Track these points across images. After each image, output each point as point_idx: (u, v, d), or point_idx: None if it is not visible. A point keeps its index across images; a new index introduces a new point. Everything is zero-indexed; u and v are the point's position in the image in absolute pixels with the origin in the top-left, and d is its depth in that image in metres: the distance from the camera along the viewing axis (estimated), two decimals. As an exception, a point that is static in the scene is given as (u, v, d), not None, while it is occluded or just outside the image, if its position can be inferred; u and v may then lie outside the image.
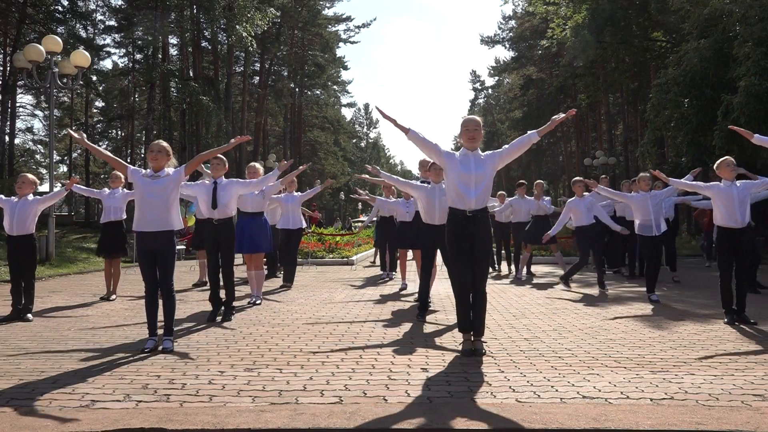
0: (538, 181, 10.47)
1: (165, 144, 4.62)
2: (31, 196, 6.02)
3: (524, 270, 10.24)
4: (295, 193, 8.77)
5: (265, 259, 7.98)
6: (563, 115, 4.26)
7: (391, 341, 4.70)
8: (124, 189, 7.59)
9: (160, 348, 4.35)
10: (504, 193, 11.29)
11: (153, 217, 4.42)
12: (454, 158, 4.27)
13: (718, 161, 5.73)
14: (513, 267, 10.70)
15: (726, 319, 5.53)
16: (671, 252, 9.66)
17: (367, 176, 6.68)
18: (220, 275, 5.95)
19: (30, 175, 6.10)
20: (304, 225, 9.12)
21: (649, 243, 7.04)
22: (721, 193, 5.55)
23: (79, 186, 7.42)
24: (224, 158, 5.90)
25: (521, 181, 10.89)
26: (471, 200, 4.16)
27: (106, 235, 7.58)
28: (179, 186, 4.57)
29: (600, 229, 8.32)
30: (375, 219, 11.27)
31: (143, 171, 4.56)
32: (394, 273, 10.19)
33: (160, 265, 4.48)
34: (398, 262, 8.96)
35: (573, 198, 8.35)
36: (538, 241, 9.38)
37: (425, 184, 6.17)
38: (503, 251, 11.68)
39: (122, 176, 4.80)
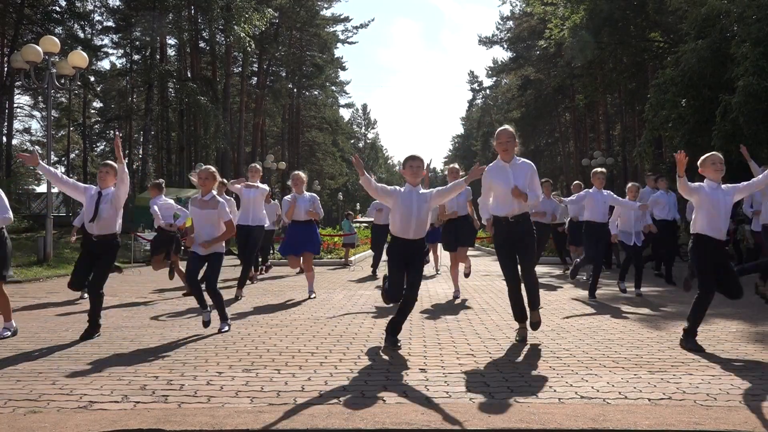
0: (543, 179, 9.07)
1: (212, 169, 5.22)
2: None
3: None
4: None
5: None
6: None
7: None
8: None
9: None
10: (580, 182, 9.91)
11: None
12: (489, 174, 4.67)
13: (703, 157, 4.75)
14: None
15: (693, 346, 4.43)
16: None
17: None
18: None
19: None
20: (267, 223, 7.89)
21: (629, 249, 7.71)
22: (708, 198, 4.54)
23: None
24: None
25: (545, 179, 9.98)
26: (515, 207, 4.62)
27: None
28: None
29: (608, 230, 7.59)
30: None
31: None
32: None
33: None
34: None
35: (593, 189, 7.40)
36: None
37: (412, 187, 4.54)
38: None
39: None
